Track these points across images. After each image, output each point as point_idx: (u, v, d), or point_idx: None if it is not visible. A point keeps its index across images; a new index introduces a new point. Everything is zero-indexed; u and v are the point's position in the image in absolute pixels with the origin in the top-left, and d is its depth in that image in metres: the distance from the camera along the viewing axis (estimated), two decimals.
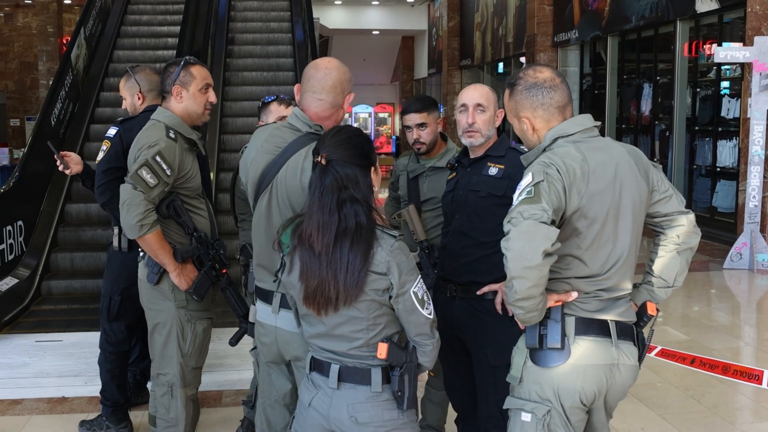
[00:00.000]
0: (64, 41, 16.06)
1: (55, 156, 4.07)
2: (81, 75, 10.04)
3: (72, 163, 4.16)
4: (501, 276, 2.95)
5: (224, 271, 3.42)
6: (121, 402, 4.13)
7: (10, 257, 7.09)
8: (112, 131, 4.01)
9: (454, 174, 3.29)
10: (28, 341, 6.00)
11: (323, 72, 2.72)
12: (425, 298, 2.38)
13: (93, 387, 4.98)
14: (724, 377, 5.06)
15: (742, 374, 5.08)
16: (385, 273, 2.31)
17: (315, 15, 12.80)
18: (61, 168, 4.14)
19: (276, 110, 3.92)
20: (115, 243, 3.99)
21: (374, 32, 27.22)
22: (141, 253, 3.40)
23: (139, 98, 4.21)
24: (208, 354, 3.57)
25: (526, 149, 2.87)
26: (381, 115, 28.35)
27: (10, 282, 6.92)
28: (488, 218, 3.01)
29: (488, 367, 3.06)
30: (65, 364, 5.45)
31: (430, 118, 3.64)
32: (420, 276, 2.40)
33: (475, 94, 3.13)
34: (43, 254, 7.68)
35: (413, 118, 3.62)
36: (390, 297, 2.34)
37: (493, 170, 3.05)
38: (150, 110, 3.81)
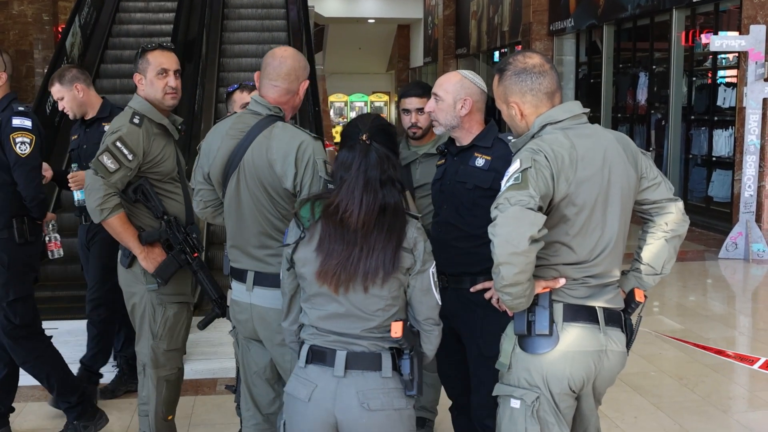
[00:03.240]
0: (60, 29, 15.98)
1: None
2: (76, 63, 10.00)
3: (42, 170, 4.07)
4: (489, 267, 2.98)
5: (196, 254, 3.42)
6: (75, 400, 3.99)
7: None
8: (28, 122, 3.78)
9: (443, 161, 3.28)
10: None
11: (279, 60, 2.87)
12: (438, 282, 2.44)
13: None
14: (718, 356, 5.06)
15: (737, 358, 5.09)
16: (411, 249, 2.36)
17: (310, 4, 12.73)
18: None
19: (240, 98, 3.90)
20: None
21: (370, 21, 27.14)
22: None
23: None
24: (203, 342, 3.57)
25: (513, 139, 2.89)
26: (377, 104, 28.32)
27: None
28: (476, 210, 3.00)
29: (481, 358, 3.07)
30: (61, 351, 5.42)
31: None
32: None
33: (436, 84, 3.14)
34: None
35: (413, 102, 3.72)
36: (410, 275, 2.37)
37: (480, 161, 3.04)
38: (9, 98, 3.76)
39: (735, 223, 8.76)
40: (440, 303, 2.44)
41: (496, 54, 19.26)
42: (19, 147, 3.67)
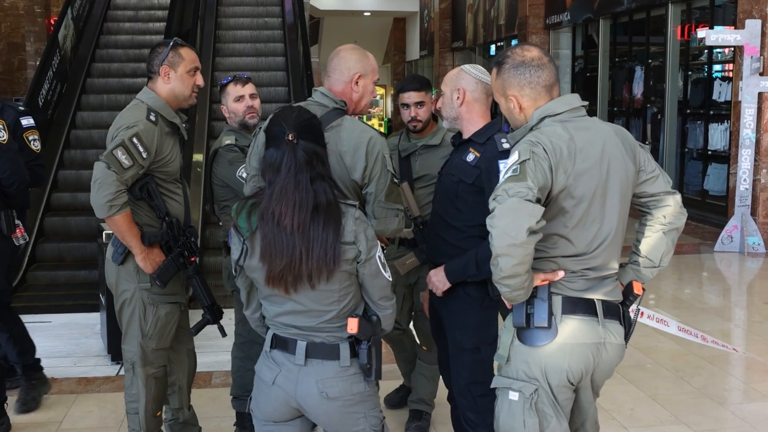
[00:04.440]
0: (52, 22, 15.89)
1: None
2: (69, 55, 9.95)
3: None
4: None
5: (193, 259, 3.38)
6: None
7: None
8: None
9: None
10: None
11: (338, 56, 2.96)
12: (385, 261, 2.51)
13: (82, 368, 4.99)
14: (714, 348, 5.06)
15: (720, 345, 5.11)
16: (353, 242, 2.41)
17: None
18: None
19: (233, 91, 3.85)
20: None
21: (365, 14, 27.07)
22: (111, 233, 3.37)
23: None
24: (198, 335, 3.55)
25: (505, 141, 2.92)
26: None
27: None
28: (458, 203, 3.01)
29: (456, 349, 3.09)
30: (54, 344, 5.43)
31: (427, 97, 3.79)
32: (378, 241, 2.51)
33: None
34: (31, 239, 7.63)
35: (412, 96, 3.76)
36: (357, 263, 2.43)
37: (470, 156, 3.03)
38: None
39: (730, 217, 8.78)
40: (390, 279, 2.52)
41: (493, 47, 19.24)
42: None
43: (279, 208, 2.36)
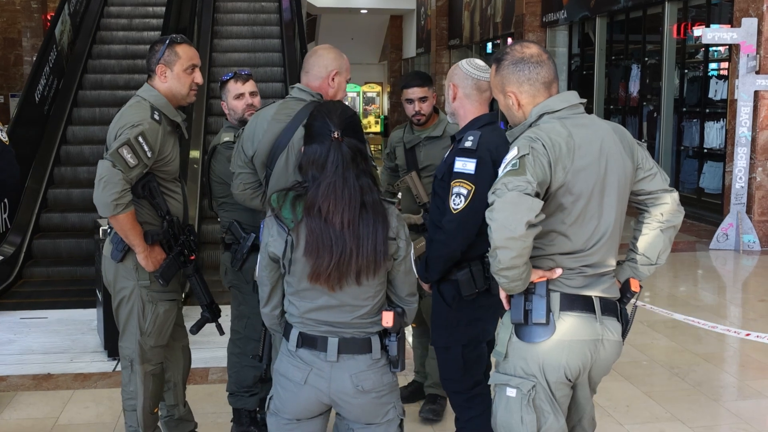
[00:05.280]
0: (48, 17, 15.86)
1: None
2: (65, 51, 9.93)
3: None
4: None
5: (192, 257, 3.38)
6: None
7: None
8: None
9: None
10: (13, 318, 5.98)
11: (314, 55, 3.23)
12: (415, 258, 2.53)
13: (79, 364, 4.98)
14: (709, 346, 5.08)
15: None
16: (395, 238, 2.44)
17: None
18: None
19: (234, 88, 3.84)
20: None
21: (362, 11, 27.06)
22: (109, 230, 3.36)
23: None
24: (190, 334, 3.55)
25: (468, 142, 2.92)
26: (369, 94, 28.25)
27: None
28: (436, 200, 3.04)
29: (434, 344, 3.15)
30: (51, 340, 5.43)
31: (430, 92, 4.03)
32: None
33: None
34: (27, 235, 7.63)
35: (416, 92, 3.98)
36: (395, 260, 2.45)
37: (447, 152, 3.06)
38: None
39: (726, 215, 8.79)
40: (417, 275, 2.58)
41: (489, 45, 19.24)
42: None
43: (327, 205, 2.33)
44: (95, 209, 3.15)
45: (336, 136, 2.38)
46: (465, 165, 2.82)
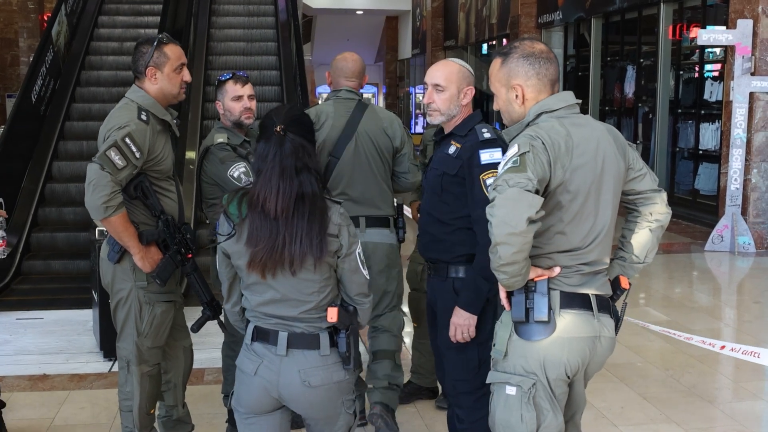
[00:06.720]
0: (45, 18, 15.83)
1: None
2: (62, 52, 9.91)
3: None
4: (462, 254, 3.00)
5: (190, 255, 3.38)
6: None
7: None
8: None
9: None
10: (9, 319, 5.97)
11: (351, 62, 3.85)
12: (363, 259, 2.60)
13: (74, 364, 4.98)
14: (703, 347, 5.07)
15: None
16: (336, 235, 2.50)
17: None
18: None
19: (232, 89, 3.80)
20: None
21: (358, 12, 27.06)
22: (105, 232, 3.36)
23: None
24: (191, 333, 3.55)
25: (486, 132, 2.97)
26: (365, 95, 28.24)
27: None
28: (445, 196, 3.04)
29: (445, 346, 3.12)
30: (46, 341, 5.43)
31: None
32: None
33: (436, 74, 3.10)
34: (24, 232, 7.62)
35: None
36: (338, 257, 2.52)
37: (452, 149, 3.05)
38: None
39: (721, 216, 8.81)
40: (368, 277, 2.60)
41: (485, 46, 19.26)
42: None
43: (263, 194, 2.43)
44: None
45: (278, 129, 2.47)
46: (492, 155, 2.90)
